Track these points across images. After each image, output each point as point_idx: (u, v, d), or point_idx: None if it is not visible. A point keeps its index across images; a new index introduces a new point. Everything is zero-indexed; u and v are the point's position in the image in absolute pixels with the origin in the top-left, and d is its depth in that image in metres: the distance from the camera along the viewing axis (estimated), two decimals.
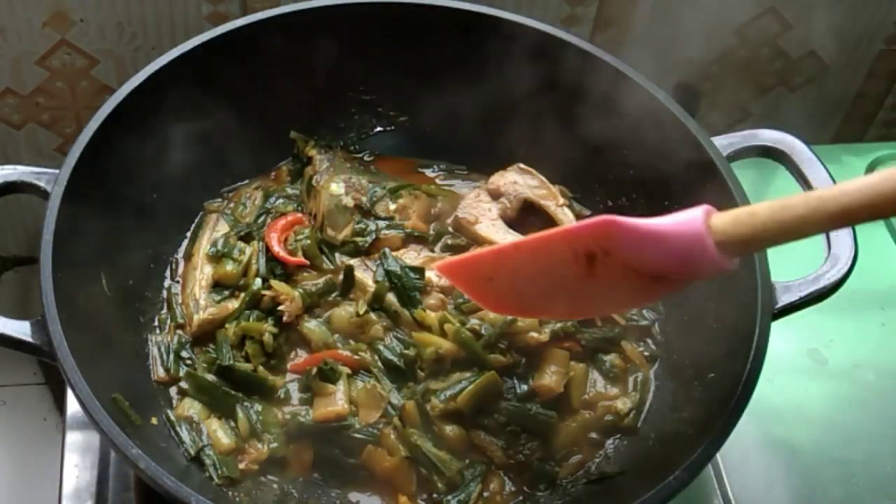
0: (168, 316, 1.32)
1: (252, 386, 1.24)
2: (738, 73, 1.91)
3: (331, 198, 1.37)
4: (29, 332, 1.10)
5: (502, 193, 1.41)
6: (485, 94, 1.41)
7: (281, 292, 1.28)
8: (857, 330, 1.49)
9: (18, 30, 1.60)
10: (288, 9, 1.37)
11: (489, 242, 1.36)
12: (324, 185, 1.38)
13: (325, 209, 1.36)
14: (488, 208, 1.40)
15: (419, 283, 1.30)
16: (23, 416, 2.01)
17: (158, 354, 1.28)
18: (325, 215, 1.36)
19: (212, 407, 1.23)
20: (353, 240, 1.35)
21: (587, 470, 1.24)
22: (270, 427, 1.21)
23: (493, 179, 1.43)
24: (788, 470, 1.35)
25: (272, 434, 1.21)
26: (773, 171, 1.35)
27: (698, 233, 0.99)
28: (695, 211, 1.01)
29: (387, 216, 1.37)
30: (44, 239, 1.14)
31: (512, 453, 1.22)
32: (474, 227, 1.38)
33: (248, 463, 1.19)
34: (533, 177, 1.42)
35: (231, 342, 1.26)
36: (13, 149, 1.78)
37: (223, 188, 1.43)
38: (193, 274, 1.33)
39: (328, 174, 1.40)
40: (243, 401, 1.23)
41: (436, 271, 1.27)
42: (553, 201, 1.40)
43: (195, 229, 1.39)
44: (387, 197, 1.39)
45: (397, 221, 1.37)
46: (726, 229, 0.99)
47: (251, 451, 1.20)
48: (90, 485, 1.25)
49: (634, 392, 1.29)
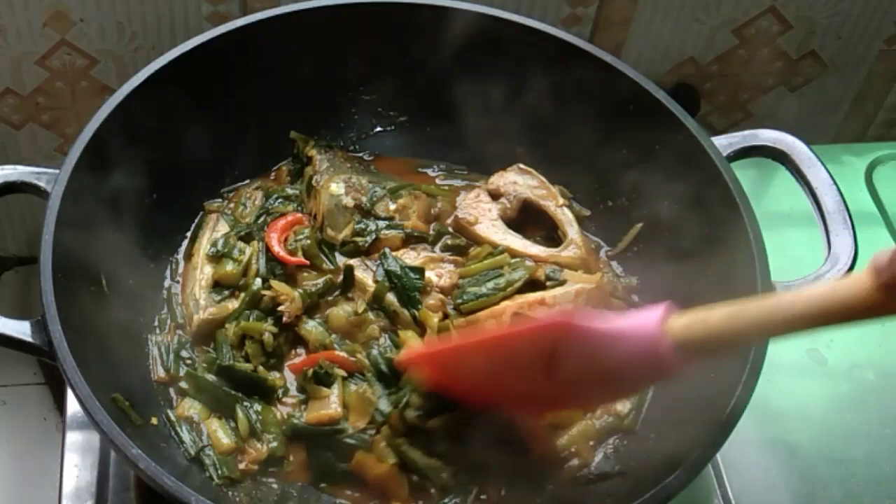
0: (168, 316, 1.32)
1: (252, 386, 1.24)
2: (738, 73, 1.91)
3: (331, 198, 1.37)
4: (29, 332, 1.10)
5: (502, 194, 1.41)
6: (485, 94, 1.41)
7: (281, 292, 1.28)
8: (857, 330, 1.47)
9: (18, 30, 1.60)
10: (288, 9, 1.37)
11: (489, 242, 1.36)
12: (324, 186, 1.38)
13: (324, 209, 1.36)
14: (488, 208, 1.40)
15: (419, 284, 1.30)
16: (23, 416, 2.00)
17: (158, 354, 1.28)
18: (325, 215, 1.36)
19: (212, 407, 1.23)
20: (354, 240, 1.35)
21: (587, 470, 1.24)
22: (270, 427, 1.21)
23: (492, 179, 1.43)
24: (788, 470, 1.35)
25: (272, 434, 1.21)
26: (773, 171, 1.35)
27: (653, 335, 0.99)
28: (652, 312, 1.01)
29: (387, 216, 1.37)
30: (44, 239, 1.14)
31: (505, 459, 1.21)
32: (474, 227, 1.38)
33: (248, 463, 1.19)
34: (533, 177, 1.42)
35: (231, 342, 1.26)
36: (13, 149, 1.78)
37: (223, 188, 1.43)
38: (193, 274, 1.33)
39: (328, 174, 1.40)
40: (243, 401, 1.23)
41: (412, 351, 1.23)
42: (553, 202, 1.40)
43: (195, 229, 1.39)
44: (387, 197, 1.39)
45: (397, 221, 1.37)
46: (681, 332, 0.99)
47: (251, 452, 1.20)
48: (90, 485, 1.24)
49: None
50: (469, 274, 1.32)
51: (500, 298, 1.29)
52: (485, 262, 1.33)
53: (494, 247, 1.35)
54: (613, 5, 1.75)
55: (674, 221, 1.34)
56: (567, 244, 1.37)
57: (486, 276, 1.31)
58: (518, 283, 1.30)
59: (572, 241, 1.37)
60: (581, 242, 1.37)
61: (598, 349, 1.03)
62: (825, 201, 1.24)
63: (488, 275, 1.31)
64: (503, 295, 1.29)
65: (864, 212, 1.59)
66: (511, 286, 1.30)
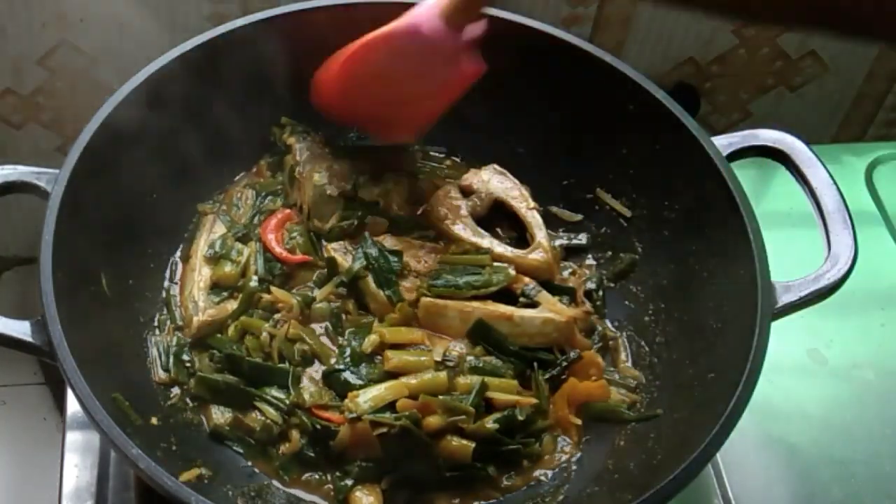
0: (168, 317, 1.32)
1: (264, 375, 1.24)
2: (738, 73, 1.92)
3: (315, 188, 1.37)
4: (29, 332, 1.10)
5: (474, 191, 1.41)
6: (484, 94, 1.41)
7: (280, 299, 1.29)
8: (857, 330, 1.49)
9: (18, 30, 1.60)
10: (288, 9, 1.37)
11: (457, 238, 1.36)
12: (307, 176, 1.38)
13: (310, 201, 1.37)
14: (459, 205, 1.40)
15: (397, 266, 1.30)
16: (23, 416, 2.01)
17: (158, 356, 1.28)
18: (311, 207, 1.37)
19: (234, 406, 1.23)
20: (340, 225, 1.36)
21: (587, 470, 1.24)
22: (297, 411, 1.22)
23: (466, 177, 1.43)
24: (788, 469, 1.35)
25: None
26: (773, 171, 1.35)
27: (429, 21, 1.19)
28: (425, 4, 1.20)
29: (371, 200, 1.38)
30: (44, 239, 1.14)
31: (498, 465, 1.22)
32: (444, 222, 1.38)
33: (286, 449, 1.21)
34: (507, 178, 1.42)
35: (232, 338, 1.27)
36: (13, 149, 1.78)
37: (219, 190, 1.43)
38: (192, 276, 1.33)
39: (310, 164, 1.39)
40: (261, 394, 1.23)
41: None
42: (524, 203, 1.40)
43: (192, 231, 1.39)
44: (369, 182, 1.39)
45: (382, 206, 1.38)
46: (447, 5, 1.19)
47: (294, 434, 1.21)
48: (90, 485, 1.24)
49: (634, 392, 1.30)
50: (449, 262, 1.33)
51: (470, 295, 1.29)
52: (468, 257, 1.33)
53: (462, 242, 1.35)
54: (613, 5, 1.75)
55: (673, 221, 1.34)
56: (534, 247, 1.36)
57: (465, 270, 1.31)
58: (493, 287, 1.30)
59: (539, 245, 1.36)
60: (548, 247, 1.36)
61: (398, 49, 1.22)
62: (825, 201, 1.24)
63: (468, 269, 1.32)
64: (475, 293, 1.29)
65: (864, 212, 1.59)
66: (486, 287, 1.29)
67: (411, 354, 1.24)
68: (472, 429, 1.19)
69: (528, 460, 1.24)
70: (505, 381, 1.24)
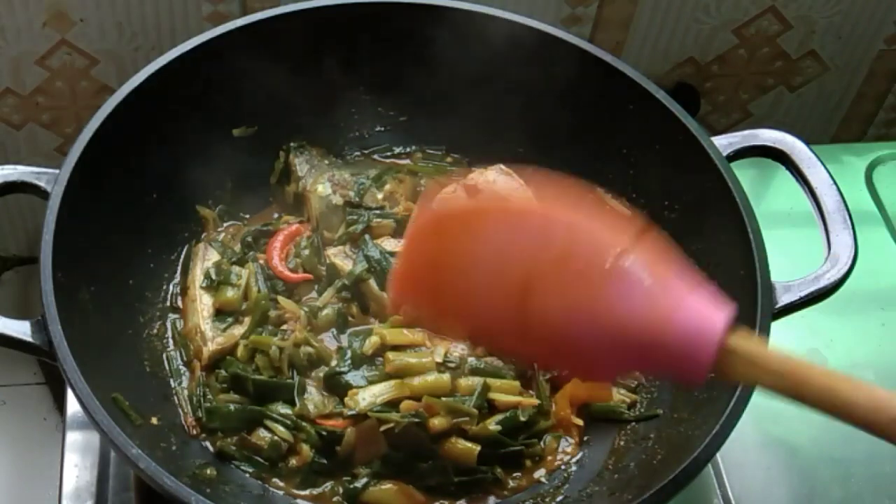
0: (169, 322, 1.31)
1: (270, 392, 1.23)
2: (738, 73, 1.92)
3: (320, 200, 1.37)
4: (29, 332, 1.10)
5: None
6: (485, 94, 1.41)
7: (287, 310, 1.29)
8: (857, 330, 1.49)
9: (18, 30, 1.60)
10: (288, 9, 1.37)
11: None
12: (311, 189, 1.38)
13: (317, 213, 1.37)
14: None
15: None
16: (23, 416, 2.00)
17: (184, 401, 1.25)
18: (319, 219, 1.37)
19: (248, 427, 1.22)
20: (348, 232, 1.36)
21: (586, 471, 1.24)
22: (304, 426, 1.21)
23: (472, 176, 1.42)
24: (788, 470, 1.35)
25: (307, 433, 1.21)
26: (773, 171, 1.35)
27: (704, 327, 0.85)
28: (712, 303, 0.87)
29: (377, 205, 1.38)
30: (44, 239, 1.14)
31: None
32: None
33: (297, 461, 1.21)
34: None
35: (242, 358, 1.25)
36: (13, 149, 1.78)
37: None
38: (193, 307, 1.31)
39: (312, 177, 1.40)
40: (270, 413, 1.22)
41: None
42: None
43: (184, 262, 1.37)
44: (373, 186, 1.39)
45: (388, 210, 1.38)
46: (740, 349, 0.86)
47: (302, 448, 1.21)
48: (90, 485, 1.24)
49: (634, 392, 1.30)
50: None
51: None
52: None
53: None
54: (613, 5, 1.75)
55: (673, 221, 1.34)
56: None
57: None
58: None
59: None
60: None
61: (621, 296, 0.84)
62: (825, 201, 1.24)
63: None
64: None
65: (864, 212, 1.59)
66: None
67: (412, 356, 1.24)
68: (475, 430, 1.19)
69: (531, 461, 1.24)
70: (507, 382, 1.24)
